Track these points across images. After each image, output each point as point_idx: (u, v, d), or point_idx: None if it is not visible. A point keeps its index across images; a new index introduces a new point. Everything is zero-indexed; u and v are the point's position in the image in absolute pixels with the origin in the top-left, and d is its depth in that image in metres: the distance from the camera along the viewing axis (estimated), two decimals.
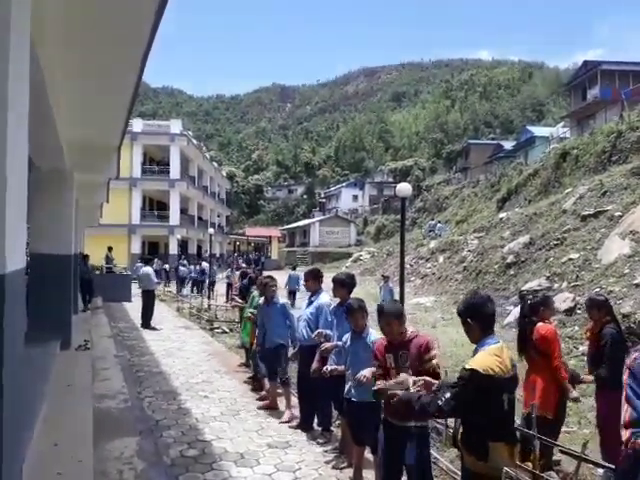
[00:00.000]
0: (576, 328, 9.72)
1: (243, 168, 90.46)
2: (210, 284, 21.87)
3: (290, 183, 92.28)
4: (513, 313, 11.56)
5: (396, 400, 2.85)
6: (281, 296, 6.75)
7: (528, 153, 35.65)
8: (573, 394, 4.46)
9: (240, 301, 9.09)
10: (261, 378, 6.71)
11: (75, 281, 10.35)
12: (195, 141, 42.90)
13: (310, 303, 5.46)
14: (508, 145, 49.18)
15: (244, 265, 28.03)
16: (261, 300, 6.43)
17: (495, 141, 59.09)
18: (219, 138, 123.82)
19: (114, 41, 4.14)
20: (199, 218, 42.20)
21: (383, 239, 46.26)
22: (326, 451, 4.83)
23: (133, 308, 15.78)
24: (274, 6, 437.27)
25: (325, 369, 4.41)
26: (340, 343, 4.39)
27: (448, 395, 2.54)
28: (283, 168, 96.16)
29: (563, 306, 10.73)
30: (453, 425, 3.23)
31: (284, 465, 4.51)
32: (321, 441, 5.07)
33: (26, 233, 2.87)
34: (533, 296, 4.96)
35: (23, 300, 2.84)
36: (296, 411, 5.72)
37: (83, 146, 7.24)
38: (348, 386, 4.05)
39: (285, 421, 5.65)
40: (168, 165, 37.02)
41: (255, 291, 7.30)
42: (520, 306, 5.19)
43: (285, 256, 52.44)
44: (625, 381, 2.69)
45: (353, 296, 4.57)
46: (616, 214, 12.88)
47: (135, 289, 19.38)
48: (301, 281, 8.51)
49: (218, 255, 44.50)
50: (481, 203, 32.06)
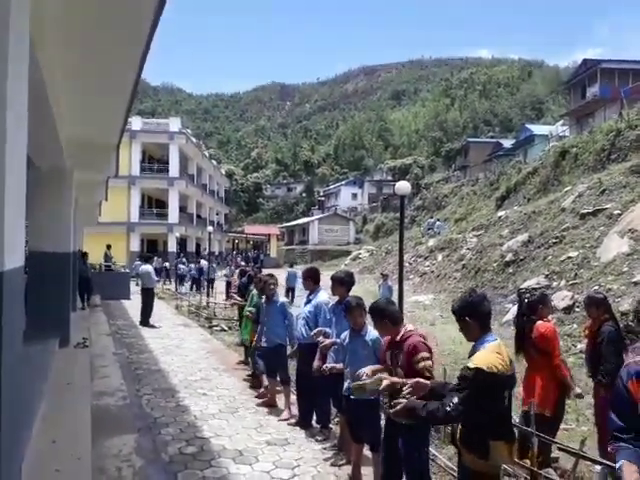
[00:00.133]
0: (575, 326, 9.75)
1: (242, 166, 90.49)
2: (209, 281, 21.88)
3: (289, 181, 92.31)
4: (512, 311, 11.58)
5: (400, 408, 2.72)
6: (280, 293, 6.76)
7: (527, 151, 35.67)
8: (576, 390, 4.48)
9: (239, 299, 9.10)
10: (259, 375, 6.74)
11: (74, 279, 10.35)
12: (194, 139, 42.87)
13: (309, 301, 5.47)
14: (507, 143, 49.30)
15: (243, 263, 27.99)
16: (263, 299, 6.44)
17: (494, 139, 59.17)
18: (218, 136, 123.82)
19: (114, 41, 4.14)
20: (198, 216, 42.15)
21: (382, 237, 46.20)
22: (325, 448, 4.85)
23: (132, 306, 15.80)
24: (274, 5, 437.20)
25: (324, 367, 4.42)
26: (339, 340, 4.41)
27: (456, 400, 2.48)
28: (282, 166, 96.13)
29: (562, 304, 10.75)
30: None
31: (283, 462, 4.52)
32: (320, 438, 5.09)
33: (25, 231, 2.87)
34: (530, 294, 4.98)
35: (22, 298, 2.83)
36: (295, 410, 5.73)
37: (82, 144, 7.22)
38: (347, 384, 4.06)
39: (284, 419, 5.67)
40: (167, 163, 36.95)
41: (254, 289, 7.31)
42: (518, 305, 5.20)
43: (284, 254, 52.50)
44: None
45: (352, 294, 4.57)
46: (615, 212, 12.88)
47: (134, 287, 19.43)
48: (299, 278, 8.52)
49: (217, 253, 44.50)
50: (480, 201, 32.02)
